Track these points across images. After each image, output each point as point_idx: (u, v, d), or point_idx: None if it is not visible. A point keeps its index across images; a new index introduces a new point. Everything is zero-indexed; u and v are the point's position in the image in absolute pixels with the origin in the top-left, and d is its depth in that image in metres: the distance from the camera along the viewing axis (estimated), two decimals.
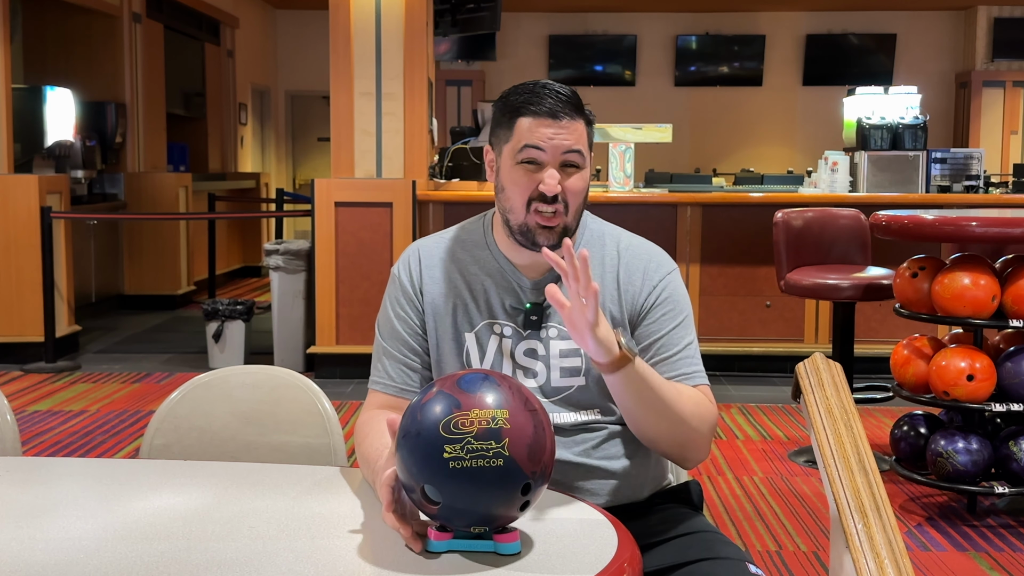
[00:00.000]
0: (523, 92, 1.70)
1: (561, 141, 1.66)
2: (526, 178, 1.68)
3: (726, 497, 3.89)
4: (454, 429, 1.25)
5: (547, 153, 1.67)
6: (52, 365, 6.01)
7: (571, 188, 1.68)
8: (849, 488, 1.56)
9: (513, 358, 1.73)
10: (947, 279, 3.51)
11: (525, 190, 1.68)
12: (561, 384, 1.72)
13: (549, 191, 1.66)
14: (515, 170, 1.69)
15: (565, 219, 1.69)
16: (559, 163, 1.67)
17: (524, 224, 1.69)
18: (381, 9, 5.71)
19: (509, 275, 1.75)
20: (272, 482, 1.64)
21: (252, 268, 10.90)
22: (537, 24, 11.53)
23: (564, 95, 1.68)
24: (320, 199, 5.70)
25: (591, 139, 1.74)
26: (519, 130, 1.68)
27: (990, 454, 3.54)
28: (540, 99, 1.67)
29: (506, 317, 1.74)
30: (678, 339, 1.72)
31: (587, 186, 1.72)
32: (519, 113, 1.68)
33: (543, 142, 1.66)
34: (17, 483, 1.65)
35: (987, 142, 10.73)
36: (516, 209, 1.70)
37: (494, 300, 1.74)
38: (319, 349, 5.77)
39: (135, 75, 8.54)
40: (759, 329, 5.92)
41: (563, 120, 1.66)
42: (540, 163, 1.67)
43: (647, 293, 1.74)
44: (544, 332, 1.72)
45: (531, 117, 1.67)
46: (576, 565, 1.30)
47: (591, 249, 1.77)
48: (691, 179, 6.93)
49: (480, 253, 1.78)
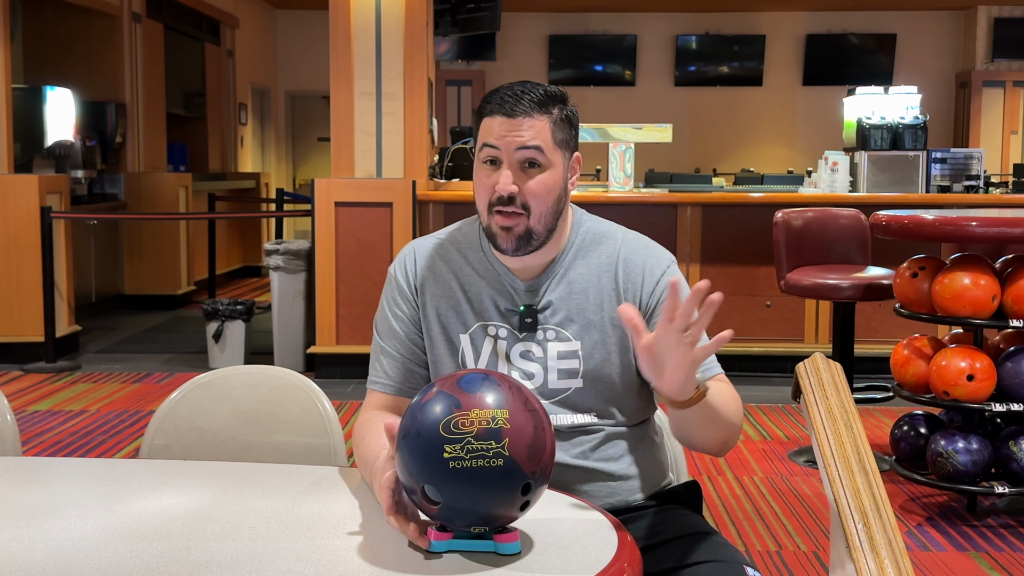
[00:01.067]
0: (492, 93, 1.69)
1: (514, 138, 1.63)
2: (486, 179, 1.67)
3: (726, 497, 3.89)
4: (454, 429, 1.25)
5: (501, 151, 1.64)
6: (52, 365, 6.01)
7: (530, 190, 1.65)
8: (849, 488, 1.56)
9: (509, 360, 1.72)
10: (947, 279, 3.51)
11: (486, 192, 1.67)
12: (559, 386, 1.71)
13: (501, 190, 1.64)
14: (478, 171, 1.69)
15: (527, 223, 1.66)
16: (517, 162, 1.65)
17: (488, 227, 1.68)
18: (381, 9, 5.71)
19: (503, 277, 1.74)
20: (272, 482, 1.64)
21: (252, 268, 10.90)
22: (537, 24, 11.53)
23: (529, 94, 1.65)
24: (320, 199, 5.70)
25: (565, 138, 1.68)
26: (482, 129, 1.68)
27: (990, 454, 3.54)
28: (501, 99, 1.66)
29: (500, 319, 1.73)
30: None
31: (556, 187, 1.67)
32: (482, 113, 1.68)
33: (496, 140, 1.64)
34: (17, 483, 1.65)
35: (987, 142, 10.73)
36: (481, 212, 1.70)
37: (487, 302, 1.73)
38: (319, 349, 5.77)
39: (135, 75, 8.54)
40: (759, 329, 5.92)
41: (518, 117, 1.64)
42: (499, 163, 1.66)
43: (651, 291, 1.73)
44: (541, 334, 1.71)
45: (490, 116, 1.66)
46: (576, 565, 1.29)
47: (587, 248, 1.76)
48: (691, 179, 6.93)
49: (474, 255, 1.77)
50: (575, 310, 1.72)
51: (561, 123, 1.67)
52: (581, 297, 1.73)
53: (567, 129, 1.69)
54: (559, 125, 1.67)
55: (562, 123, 1.68)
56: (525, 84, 1.68)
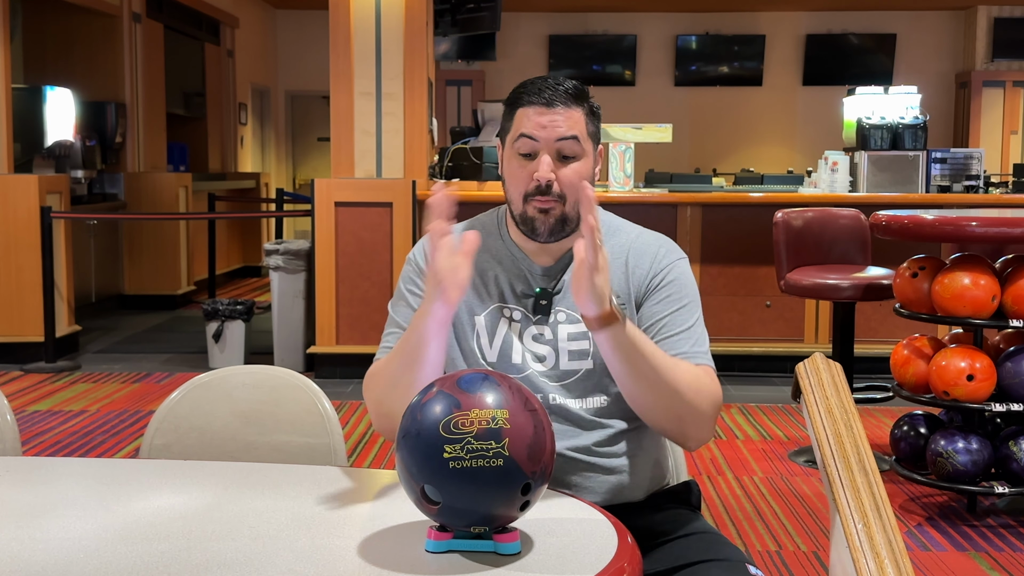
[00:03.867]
0: (525, 85, 1.73)
1: (554, 129, 1.68)
2: (521, 171, 1.71)
3: (726, 497, 3.89)
4: (454, 429, 1.25)
5: (540, 142, 1.69)
6: (52, 365, 6.01)
7: (566, 179, 1.69)
8: (849, 488, 1.56)
9: (522, 341, 1.74)
10: (947, 279, 3.51)
11: (521, 183, 1.71)
12: (569, 367, 1.73)
13: (541, 177, 1.68)
14: (512, 162, 1.73)
15: (564, 208, 1.70)
16: (554, 152, 1.69)
17: (523, 213, 1.72)
18: (381, 9, 5.71)
19: (520, 262, 1.77)
20: (272, 482, 1.64)
21: (252, 268, 10.90)
22: (537, 24, 11.53)
23: (562, 86, 1.71)
24: (320, 199, 5.70)
25: (595, 131, 1.74)
26: (516, 120, 1.72)
27: (990, 454, 3.54)
28: (538, 89, 1.71)
29: (516, 301, 1.76)
30: (680, 321, 1.72)
31: (588, 176, 1.72)
32: (517, 104, 1.72)
33: (536, 131, 1.69)
34: (17, 483, 1.65)
35: (987, 142, 10.73)
36: (515, 201, 1.73)
37: (504, 285, 1.76)
38: (319, 349, 5.77)
39: (135, 75, 8.54)
40: (759, 329, 5.93)
41: (558, 107, 1.69)
42: (535, 154, 1.69)
43: (652, 275, 1.75)
44: (553, 317, 1.74)
45: (526, 107, 1.71)
46: (576, 565, 1.30)
47: (603, 238, 1.77)
48: (691, 179, 6.93)
49: (493, 242, 1.80)
50: None
51: (592, 115, 1.74)
52: None
53: (596, 122, 1.75)
54: (590, 117, 1.73)
55: (592, 115, 1.74)
56: (556, 78, 1.73)
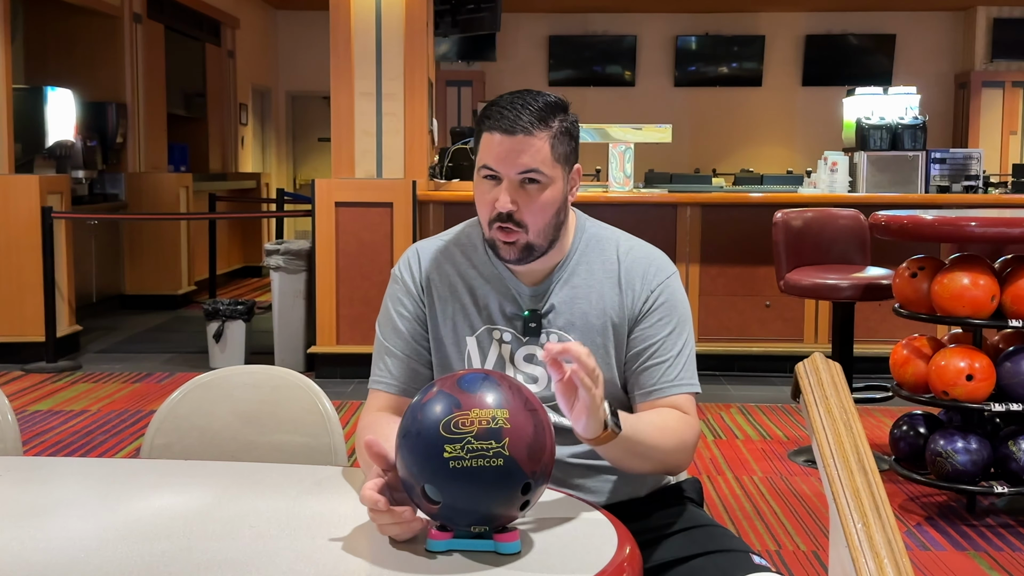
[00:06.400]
0: (492, 105, 1.66)
1: (514, 161, 1.62)
2: (487, 194, 1.67)
3: (726, 497, 3.89)
4: (454, 429, 1.25)
5: (501, 172, 1.64)
6: (53, 365, 6.01)
7: (528, 207, 1.64)
8: (849, 488, 1.56)
9: (513, 363, 1.73)
10: (946, 279, 3.51)
11: (486, 208, 1.67)
12: None
13: (500, 208, 1.64)
14: (479, 185, 1.69)
15: (527, 237, 1.66)
16: (516, 180, 1.64)
17: (491, 237, 1.69)
18: (381, 9, 5.71)
19: (508, 281, 1.74)
20: (272, 482, 1.64)
21: (252, 268, 10.90)
22: (537, 24, 11.53)
23: (529, 107, 1.63)
24: (320, 199, 5.70)
25: (566, 151, 1.67)
26: (482, 145, 1.66)
27: (989, 454, 3.54)
28: (500, 113, 1.63)
29: (505, 323, 1.73)
30: (671, 345, 1.71)
31: (555, 202, 1.66)
32: (482, 127, 1.66)
33: (496, 164, 1.63)
34: (17, 483, 1.65)
35: (986, 142, 10.73)
36: (483, 223, 1.70)
37: (493, 306, 1.74)
38: (319, 349, 5.78)
39: (136, 75, 8.55)
40: (759, 329, 5.93)
41: (518, 135, 1.61)
42: (499, 178, 1.65)
43: (644, 298, 1.73)
44: (543, 337, 1.72)
45: (490, 132, 1.64)
46: (576, 565, 1.30)
47: (590, 253, 1.76)
48: (691, 179, 6.94)
49: (478, 258, 1.77)
50: (578, 314, 1.73)
51: (561, 136, 1.65)
52: (584, 301, 1.73)
53: (567, 142, 1.67)
54: (559, 139, 1.65)
55: (562, 136, 1.65)
56: (525, 96, 1.65)
